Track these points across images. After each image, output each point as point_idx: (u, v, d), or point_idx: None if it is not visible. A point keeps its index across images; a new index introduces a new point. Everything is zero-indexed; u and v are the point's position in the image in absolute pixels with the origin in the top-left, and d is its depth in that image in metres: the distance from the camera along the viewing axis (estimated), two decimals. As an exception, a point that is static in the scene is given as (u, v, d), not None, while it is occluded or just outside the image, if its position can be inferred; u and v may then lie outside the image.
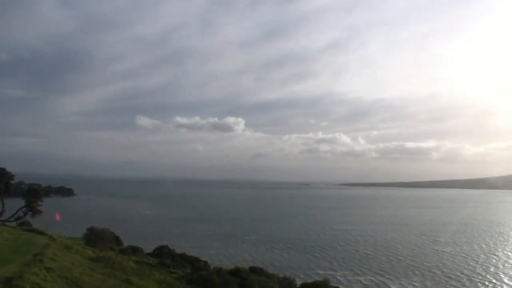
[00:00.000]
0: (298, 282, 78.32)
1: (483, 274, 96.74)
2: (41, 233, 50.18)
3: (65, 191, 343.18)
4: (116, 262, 39.18)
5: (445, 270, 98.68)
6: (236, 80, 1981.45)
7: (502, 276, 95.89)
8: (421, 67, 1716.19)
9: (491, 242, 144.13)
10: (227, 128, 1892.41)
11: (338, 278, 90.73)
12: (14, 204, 75.30)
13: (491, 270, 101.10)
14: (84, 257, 39.00)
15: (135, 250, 66.15)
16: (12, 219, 71.22)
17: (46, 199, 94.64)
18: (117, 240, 72.46)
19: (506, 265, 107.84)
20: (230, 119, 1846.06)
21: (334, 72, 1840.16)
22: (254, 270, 66.22)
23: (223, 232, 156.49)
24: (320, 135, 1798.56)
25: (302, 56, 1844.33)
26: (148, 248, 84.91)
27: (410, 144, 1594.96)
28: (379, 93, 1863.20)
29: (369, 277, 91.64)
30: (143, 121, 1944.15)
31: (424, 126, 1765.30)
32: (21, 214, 72.02)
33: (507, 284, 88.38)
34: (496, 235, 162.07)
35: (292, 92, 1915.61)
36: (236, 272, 49.70)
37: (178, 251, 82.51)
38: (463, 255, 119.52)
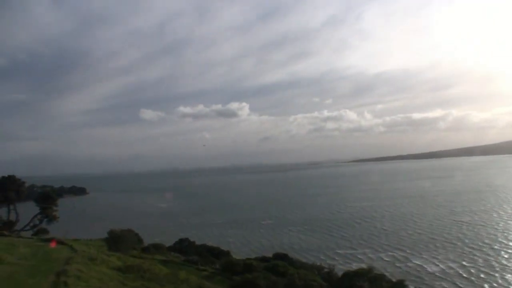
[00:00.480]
0: (317, 263, 77.91)
1: (505, 241, 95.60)
2: (61, 242, 48.06)
3: (77, 191, 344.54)
4: (147, 270, 36.95)
5: (466, 241, 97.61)
6: (237, 65, 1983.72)
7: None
8: (421, 36, 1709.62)
9: (508, 208, 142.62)
10: (232, 114, 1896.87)
11: (359, 256, 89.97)
12: (28, 209, 74.70)
13: (511, 237, 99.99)
14: (111, 267, 36.57)
15: (157, 247, 65.29)
16: (28, 227, 70.18)
17: (59, 200, 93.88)
18: (137, 237, 71.60)
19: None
20: (234, 105, 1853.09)
21: (334, 49, 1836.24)
22: (279, 256, 65.47)
23: (238, 218, 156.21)
24: (326, 113, 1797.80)
25: (301, 35, 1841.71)
26: (168, 241, 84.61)
27: (416, 115, 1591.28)
28: (381, 65, 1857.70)
29: (390, 253, 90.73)
30: (148, 114, 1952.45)
31: (429, 96, 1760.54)
32: (37, 222, 70.77)
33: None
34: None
35: (294, 72, 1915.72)
36: (273, 267, 48.32)
37: (198, 242, 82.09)
38: (482, 223, 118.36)
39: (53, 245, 46.03)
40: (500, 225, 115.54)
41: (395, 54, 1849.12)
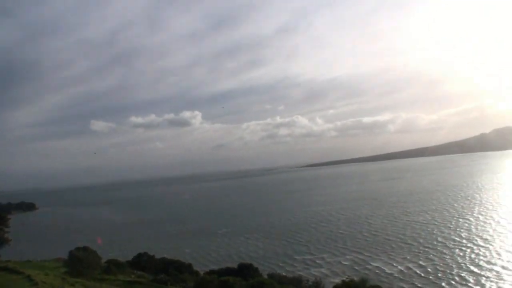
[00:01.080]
0: (281, 271, 77.23)
1: (458, 239, 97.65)
2: (16, 271, 42.53)
3: (26, 206, 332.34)
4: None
5: (420, 241, 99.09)
6: (189, 73, 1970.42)
7: (476, 238, 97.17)
8: (370, 42, 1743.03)
9: (458, 207, 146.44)
10: (185, 123, 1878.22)
11: (318, 261, 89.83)
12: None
13: (464, 234, 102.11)
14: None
15: (118, 265, 62.50)
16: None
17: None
18: (97, 256, 67.95)
19: (478, 227, 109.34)
20: (187, 114, 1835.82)
21: (286, 56, 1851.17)
22: (244, 267, 64.27)
23: (194, 228, 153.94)
24: (278, 119, 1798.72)
25: (253, 43, 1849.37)
26: (124, 255, 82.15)
27: (366, 119, 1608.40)
28: (332, 72, 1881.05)
29: (348, 257, 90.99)
30: (98, 125, 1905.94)
31: (378, 100, 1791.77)
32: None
33: (482, 246, 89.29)
34: (462, 199, 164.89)
35: (247, 80, 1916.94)
36: (259, 285, 46.44)
37: (155, 255, 79.82)
38: (435, 222, 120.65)
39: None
40: (452, 223, 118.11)
41: (346, 60, 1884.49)
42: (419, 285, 67.81)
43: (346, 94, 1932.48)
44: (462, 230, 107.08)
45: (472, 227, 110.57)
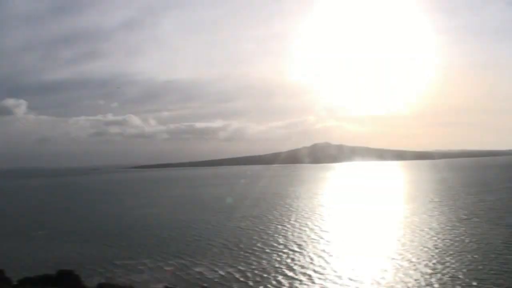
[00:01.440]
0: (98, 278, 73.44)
1: (275, 245, 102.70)
2: None
3: None
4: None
5: (241, 246, 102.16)
6: (18, 57, 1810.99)
7: (292, 244, 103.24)
8: (213, 49, 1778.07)
9: (278, 214, 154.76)
10: (6, 111, 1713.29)
11: (139, 267, 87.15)
12: None
13: (282, 240, 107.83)
14: None
15: None
16: None
17: None
18: None
19: (294, 234, 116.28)
20: (9, 101, 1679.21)
21: (127, 52, 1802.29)
22: (65, 273, 59.32)
23: (4, 229, 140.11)
24: (110, 117, 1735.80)
25: (94, 34, 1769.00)
26: None
27: (199, 125, 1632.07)
28: (172, 74, 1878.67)
29: (170, 262, 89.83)
30: None
31: (213, 107, 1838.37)
32: None
33: (297, 251, 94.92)
34: (281, 207, 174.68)
35: (81, 72, 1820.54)
36: None
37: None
38: (255, 228, 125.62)
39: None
40: (271, 229, 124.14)
41: (187, 64, 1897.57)
42: (238, 289, 69.44)
43: (182, 97, 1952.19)
44: (280, 236, 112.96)
45: (289, 233, 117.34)
